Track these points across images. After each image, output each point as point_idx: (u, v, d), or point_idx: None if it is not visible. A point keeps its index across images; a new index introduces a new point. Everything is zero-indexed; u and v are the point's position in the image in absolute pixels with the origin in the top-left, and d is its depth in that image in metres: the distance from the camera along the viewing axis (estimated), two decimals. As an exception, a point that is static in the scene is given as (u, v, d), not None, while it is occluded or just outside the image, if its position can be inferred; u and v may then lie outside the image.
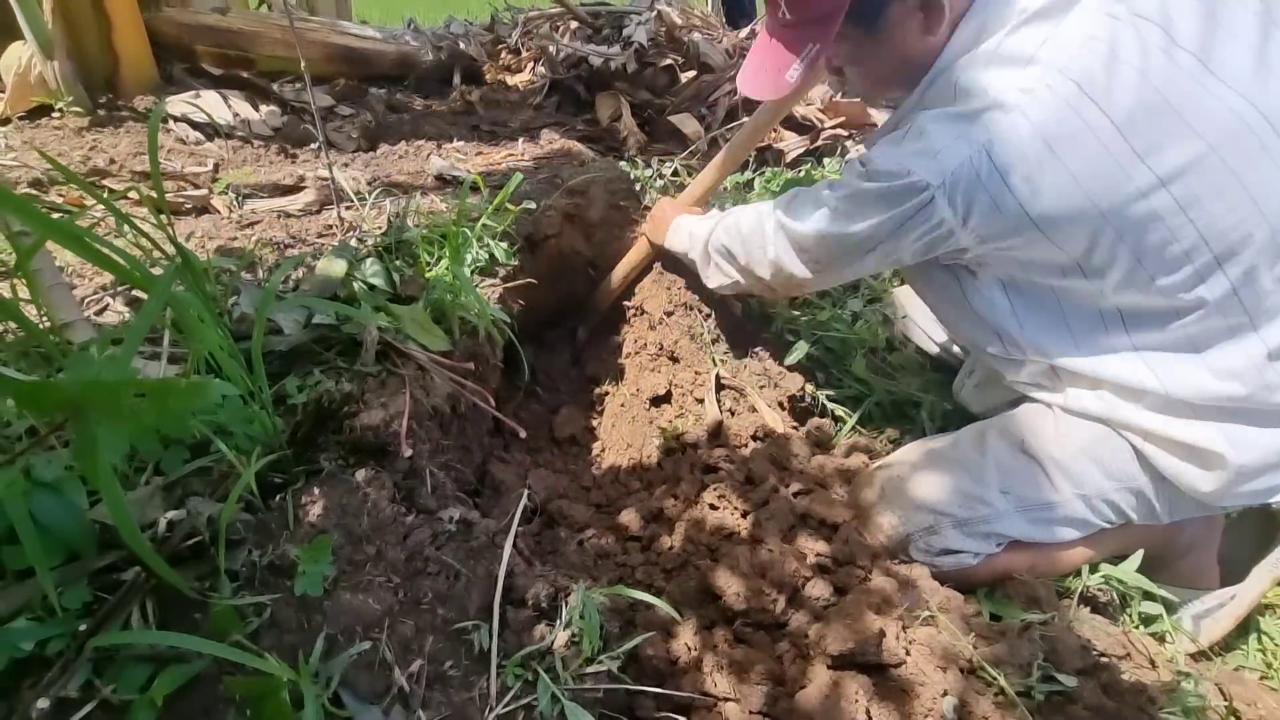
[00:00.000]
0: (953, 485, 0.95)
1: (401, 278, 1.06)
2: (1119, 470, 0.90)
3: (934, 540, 0.94)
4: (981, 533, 0.94)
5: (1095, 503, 0.91)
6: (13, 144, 1.55)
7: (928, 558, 0.94)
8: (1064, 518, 0.92)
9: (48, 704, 0.46)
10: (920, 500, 0.95)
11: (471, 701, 0.59)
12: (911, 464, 1.00)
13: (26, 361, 0.76)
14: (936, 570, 0.93)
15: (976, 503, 0.93)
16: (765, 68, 0.97)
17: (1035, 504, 0.93)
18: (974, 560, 0.94)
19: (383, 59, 2.24)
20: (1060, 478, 0.92)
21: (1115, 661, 0.81)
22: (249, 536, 0.62)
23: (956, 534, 0.94)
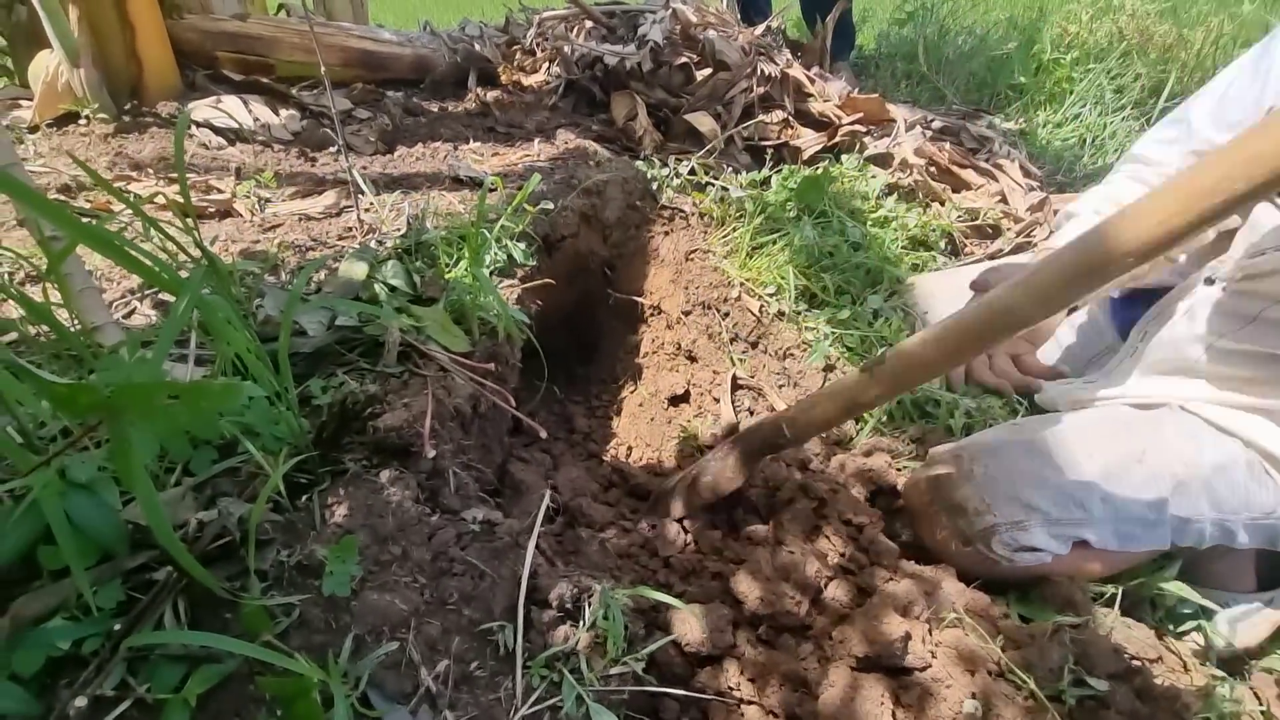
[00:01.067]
0: (1052, 482, 0.89)
1: (422, 279, 1.07)
2: (1247, 501, 0.85)
3: (1020, 536, 0.88)
4: (1066, 535, 0.89)
5: (1186, 528, 0.86)
6: (41, 150, 1.59)
7: (1007, 552, 0.88)
8: (1158, 536, 0.87)
9: (85, 702, 0.47)
10: (1015, 492, 0.89)
11: (497, 702, 0.59)
12: (1007, 450, 0.93)
13: (58, 364, 0.78)
14: (1010, 565, 0.88)
15: (1074, 506, 0.88)
16: None
17: (1132, 518, 0.88)
18: (1049, 559, 0.89)
19: (399, 62, 2.26)
20: (1178, 497, 0.86)
21: (1148, 666, 0.80)
22: (277, 537, 0.62)
23: (1043, 533, 0.88)
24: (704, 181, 1.72)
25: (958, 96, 2.80)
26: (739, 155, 1.96)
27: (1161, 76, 2.74)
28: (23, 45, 1.83)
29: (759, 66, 2.06)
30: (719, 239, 1.56)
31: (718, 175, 1.76)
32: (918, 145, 1.94)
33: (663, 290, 1.57)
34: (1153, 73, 2.77)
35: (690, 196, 1.65)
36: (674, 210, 1.61)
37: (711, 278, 1.48)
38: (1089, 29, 3.13)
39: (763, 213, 1.54)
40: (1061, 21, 3.22)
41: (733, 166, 1.88)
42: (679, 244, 1.57)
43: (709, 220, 1.60)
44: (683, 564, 0.96)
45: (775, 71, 2.08)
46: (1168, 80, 2.66)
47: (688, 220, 1.60)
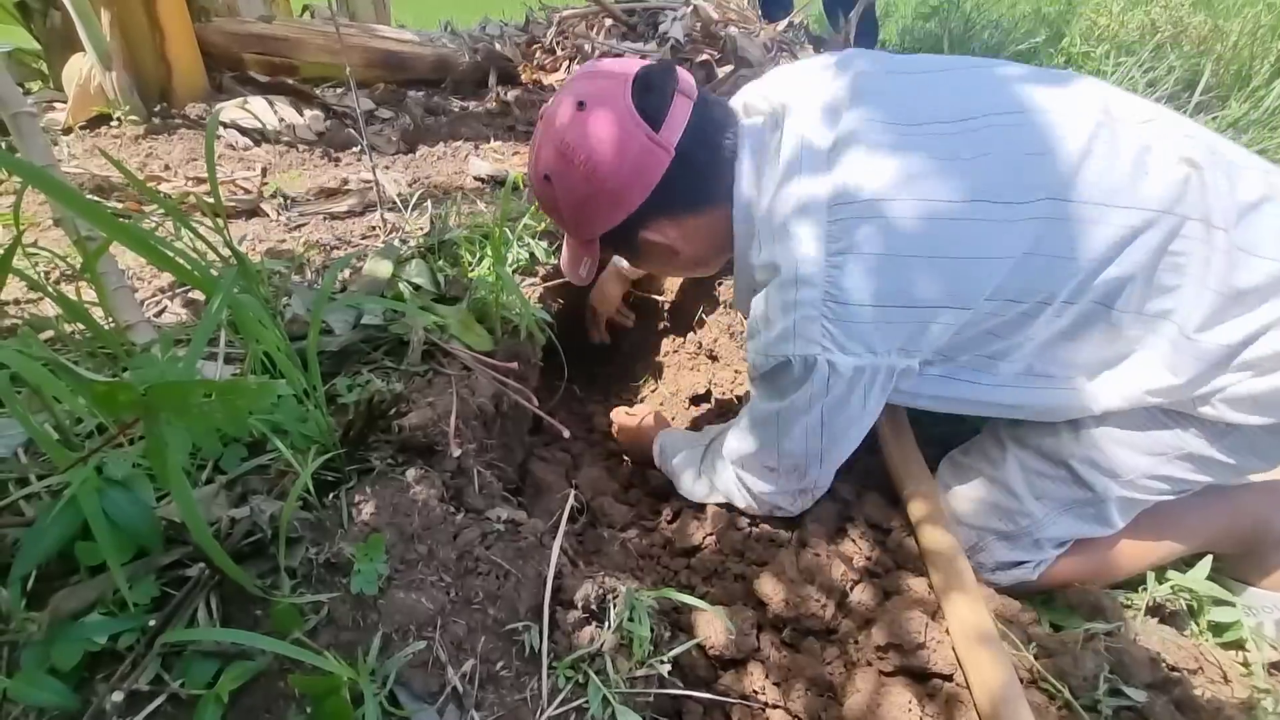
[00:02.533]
0: (986, 500, 0.91)
1: (445, 278, 1.07)
2: (1155, 442, 0.82)
3: (983, 557, 0.91)
4: (1030, 542, 0.89)
5: (1141, 482, 0.84)
6: (75, 152, 1.62)
7: (984, 574, 0.91)
8: (1113, 508, 0.86)
9: (121, 697, 0.47)
10: (960, 519, 0.92)
11: (523, 703, 0.59)
12: (944, 482, 0.96)
13: (93, 361, 0.79)
14: (995, 586, 0.89)
15: (1015, 515, 0.89)
16: (565, 252, 0.98)
17: (1075, 501, 0.87)
18: (1034, 571, 0.90)
19: (420, 62, 2.27)
20: (1091, 473, 0.85)
21: (1187, 676, 0.77)
22: (306, 534, 0.63)
23: (1004, 547, 0.90)
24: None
25: (983, 91, 2.75)
26: (760, 153, 1.94)
27: (1196, 69, 2.67)
28: (57, 50, 1.88)
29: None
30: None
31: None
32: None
33: (683, 288, 1.56)
34: (1187, 65, 2.70)
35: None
36: (695, 208, 1.59)
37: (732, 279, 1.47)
38: (1120, 21, 3.06)
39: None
40: (1091, 14, 3.15)
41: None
42: (700, 242, 1.56)
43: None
44: (705, 565, 0.95)
45: (797, 68, 2.06)
46: (1202, 73, 2.58)
47: (709, 218, 1.58)
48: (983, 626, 0.74)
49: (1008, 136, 0.74)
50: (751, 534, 0.97)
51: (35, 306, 1.02)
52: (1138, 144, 0.73)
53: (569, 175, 0.80)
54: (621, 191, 0.80)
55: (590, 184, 0.80)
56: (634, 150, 0.78)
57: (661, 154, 0.79)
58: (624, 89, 0.78)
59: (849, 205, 0.72)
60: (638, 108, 0.78)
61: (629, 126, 0.77)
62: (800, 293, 0.74)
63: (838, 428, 0.81)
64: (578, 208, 0.84)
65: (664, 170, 0.79)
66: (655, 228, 0.85)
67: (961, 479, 0.95)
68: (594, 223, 0.84)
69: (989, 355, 0.81)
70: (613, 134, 0.77)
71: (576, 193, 0.82)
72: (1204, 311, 0.72)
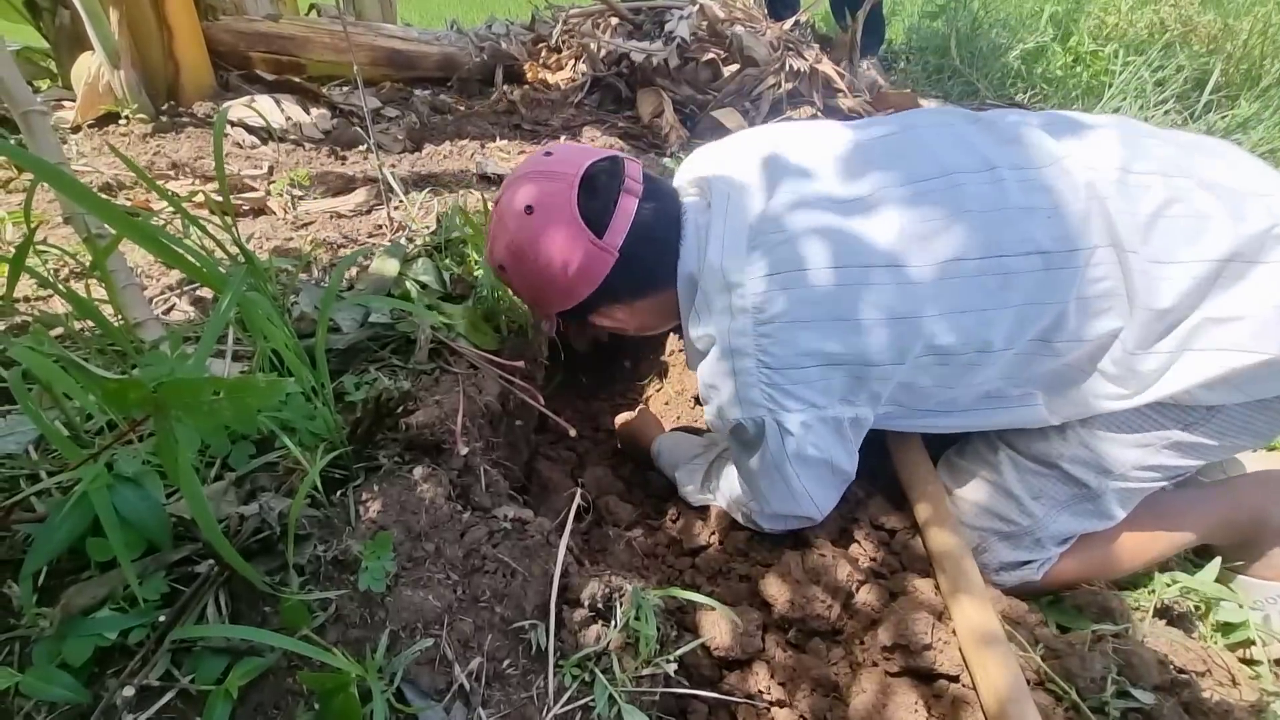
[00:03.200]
0: (986, 501, 0.92)
1: (451, 276, 1.08)
2: (1139, 436, 0.83)
3: (986, 558, 0.91)
4: (1031, 541, 0.90)
5: (1134, 474, 0.84)
6: (83, 150, 1.63)
7: (988, 574, 0.90)
8: (1110, 501, 0.86)
9: (131, 692, 0.48)
10: (960, 519, 0.92)
11: (530, 701, 0.59)
12: (944, 485, 0.97)
13: (102, 358, 0.80)
14: (1001, 586, 0.89)
15: (1014, 515, 0.90)
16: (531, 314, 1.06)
17: (1072, 498, 0.88)
18: (1038, 571, 0.90)
19: (426, 61, 2.28)
20: (1082, 470, 0.86)
21: (1195, 678, 0.77)
22: (314, 532, 0.63)
23: (1006, 547, 0.91)
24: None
25: (991, 91, 2.74)
26: (766, 152, 1.94)
27: (1206, 68, 2.65)
28: (66, 48, 1.89)
29: (787, 61, 2.04)
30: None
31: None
32: (950, 141, 1.90)
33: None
34: (1196, 64, 2.68)
35: (717, 193, 1.64)
36: (701, 207, 1.59)
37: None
38: (1128, 20, 3.04)
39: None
40: (1099, 12, 3.13)
41: (760, 163, 1.86)
42: (706, 241, 1.56)
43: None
44: (710, 564, 0.95)
45: (804, 66, 2.05)
46: (1212, 72, 2.57)
47: (715, 217, 1.58)
48: (989, 627, 0.74)
49: (917, 202, 0.78)
50: (755, 535, 0.97)
51: (45, 304, 1.03)
52: (1040, 189, 0.77)
53: (521, 271, 0.86)
54: (570, 289, 0.86)
55: (541, 280, 0.85)
56: (579, 256, 0.82)
57: (606, 256, 0.83)
58: (570, 194, 0.82)
59: (774, 276, 0.77)
60: (583, 214, 0.82)
61: (574, 234, 0.82)
62: (735, 361, 0.78)
63: (812, 474, 0.84)
64: (531, 295, 0.91)
65: (609, 270, 0.84)
66: (604, 312, 0.91)
67: (959, 481, 0.95)
68: (547, 307, 0.91)
69: (944, 399, 0.85)
70: (559, 241, 0.82)
71: (529, 285, 0.88)
72: (1139, 330, 0.76)
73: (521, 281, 0.88)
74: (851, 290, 0.76)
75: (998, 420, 0.87)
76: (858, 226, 0.78)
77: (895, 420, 0.89)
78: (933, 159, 0.81)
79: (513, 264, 0.86)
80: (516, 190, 0.84)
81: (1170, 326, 0.75)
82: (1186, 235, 0.73)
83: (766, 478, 0.84)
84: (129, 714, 0.49)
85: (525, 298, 0.95)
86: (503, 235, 0.85)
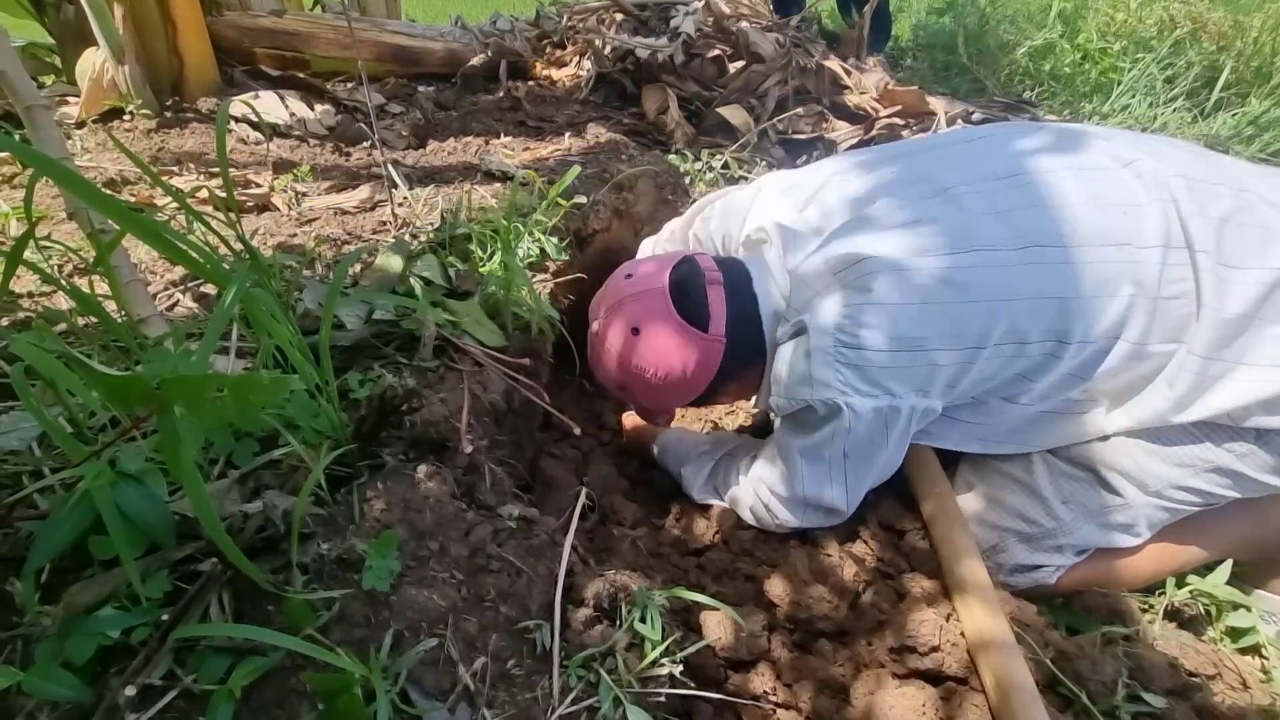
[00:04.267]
0: (1010, 502, 0.91)
1: (456, 273, 1.07)
2: (1183, 454, 0.82)
3: (1003, 558, 0.90)
4: (1051, 546, 0.89)
5: (1168, 493, 0.84)
6: (87, 146, 1.63)
7: (1001, 575, 0.90)
8: (1139, 517, 0.86)
9: (134, 691, 0.47)
10: (981, 519, 0.92)
11: (535, 701, 0.58)
12: (966, 481, 0.96)
13: (105, 354, 0.79)
14: (1012, 588, 0.88)
15: (1040, 517, 0.89)
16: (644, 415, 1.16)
17: (1103, 509, 0.87)
18: (1053, 575, 0.89)
19: (431, 57, 2.27)
20: (1118, 479, 0.85)
21: (1207, 682, 0.76)
22: (318, 530, 0.62)
23: (1025, 549, 0.90)
24: (737, 175, 1.69)
25: (999, 88, 2.72)
26: (772, 149, 1.93)
27: (1216, 65, 2.63)
28: (70, 44, 1.89)
29: (794, 58, 2.02)
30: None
31: (751, 169, 1.73)
32: (957, 138, 1.89)
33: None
34: (1206, 61, 2.65)
35: (723, 191, 1.63)
36: (706, 205, 1.58)
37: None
38: (1138, 16, 3.01)
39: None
40: (1107, 9, 3.10)
41: (766, 160, 1.85)
42: (711, 239, 1.55)
43: (742, 215, 1.58)
44: (715, 564, 0.95)
45: (810, 63, 2.04)
46: (1222, 69, 2.54)
47: (720, 215, 1.57)
48: (998, 629, 0.74)
49: (998, 192, 0.81)
50: (761, 534, 0.96)
51: (49, 300, 1.02)
52: (1118, 185, 0.78)
53: (645, 385, 0.94)
54: (692, 386, 0.93)
55: (665, 387, 0.93)
56: (695, 354, 0.90)
57: (716, 346, 0.90)
58: (666, 304, 0.89)
59: (857, 264, 0.80)
60: (684, 317, 0.89)
61: (684, 338, 0.89)
62: (815, 340, 0.80)
63: (861, 464, 0.84)
64: (657, 401, 1.00)
65: (721, 356, 0.90)
66: (723, 393, 0.99)
67: (985, 479, 0.94)
68: (670, 405, 1.02)
69: (1009, 395, 0.85)
70: (671, 348, 0.90)
71: (653, 394, 0.96)
72: (1204, 337, 0.75)
73: (646, 393, 0.96)
74: (936, 274, 0.77)
75: (1059, 432, 0.87)
76: (942, 213, 0.80)
77: (953, 428, 0.88)
78: (1007, 158, 0.83)
79: (635, 382, 0.94)
80: (613, 318, 0.93)
81: (1233, 336, 0.74)
82: (1256, 244, 0.73)
83: (814, 462, 0.84)
84: (131, 713, 0.48)
85: (649, 404, 1.03)
86: (615, 363, 0.94)
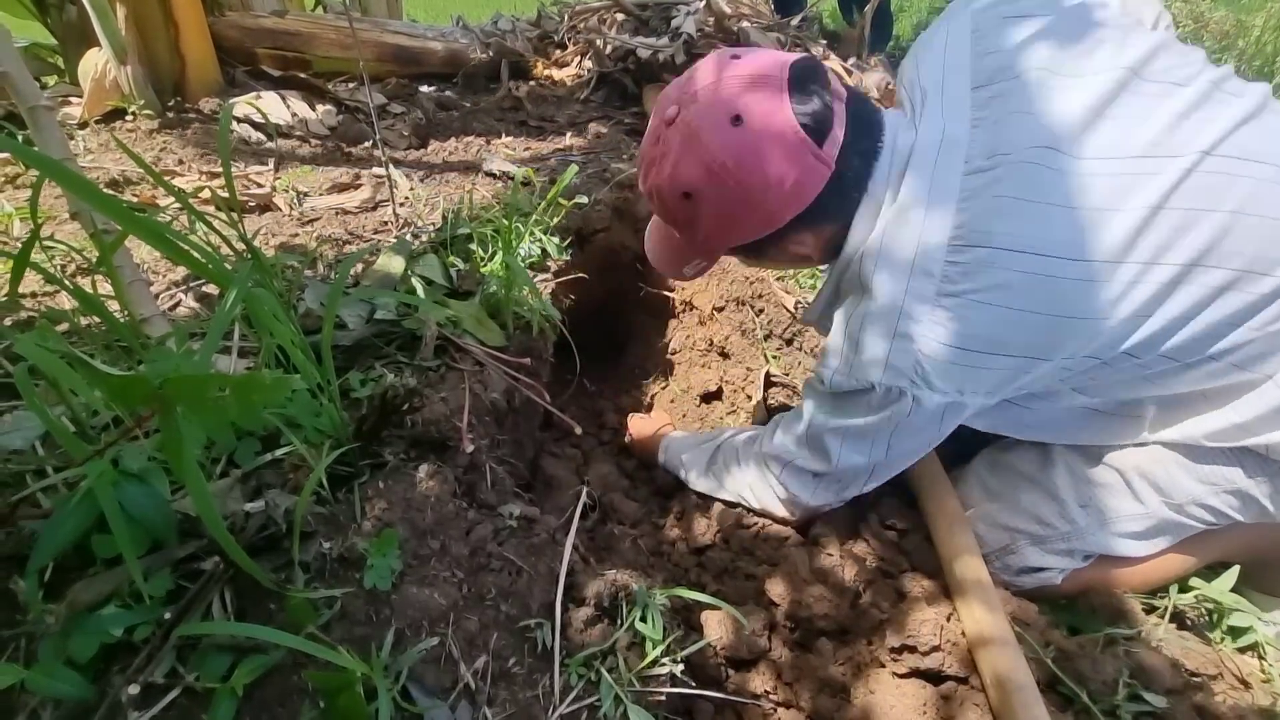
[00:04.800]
0: (1025, 501, 0.89)
1: (457, 273, 1.07)
2: (1212, 473, 0.81)
3: (1011, 560, 0.89)
4: (1062, 549, 0.87)
5: (1188, 508, 0.83)
6: (90, 146, 1.63)
7: (1007, 576, 0.89)
8: (1153, 528, 0.85)
9: (137, 690, 0.47)
10: (993, 519, 0.90)
11: (536, 700, 0.58)
12: (978, 479, 0.95)
13: (108, 354, 0.80)
14: (1017, 589, 0.87)
15: (1054, 519, 0.87)
16: (666, 249, 0.91)
17: (1121, 516, 0.85)
18: (1058, 577, 0.88)
19: (432, 57, 2.27)
20: (1145, 487, 0.84)
21: (1208, 682, 0.76)
22: (319, 529, 0.63)
23: (1035, 551, 0.88)
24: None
25: (999, 87, 2.71)
26: (773, 148, 1.92)
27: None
28: (73, 44, 1.89)
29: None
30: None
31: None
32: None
33: (694, 285, 1.55)
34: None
35: (724, 190, 1.63)
36: (707, 204, 1.59)
37: (745, 273, 1.46)
38: (1139, 15, 3.00)
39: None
40: (1110, 8, 3.09)
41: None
42: (712, 239, 1.55)
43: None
44: (715, 563, 0.95)
45: (811, 63, 2.04)
46: (1225, 68, 2.53)
47: (721, 214, 1.57)
48: (999, 627, 0.74)
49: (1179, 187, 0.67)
50: (761, 533, 0.96)
51: (52, 299, 1.03)
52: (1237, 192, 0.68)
53: (718, 196, 0.74)
54: (776, 212, 0.75)
55: (745, 202, 0.74)
56: (797, 170, 0.71)
57: (823, 170, 0.72)
58: (782, 100, 0.70)
59: (971, 250, 0.68)
60: (801, 121, 0.70)
61: (795, 145, 0.70)
62: (900, 324, 0.70)
63: (899, 452, 0.81)
64: (720, 225, 0.78)
65: (822, 186, 0.73)
66: (796, 240, 0.80)
67: (1000, 478, 0.92)
68: (732, 238, 0.79)
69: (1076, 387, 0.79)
70: (776, 154, 0.71)
71: (723, 213, 0.76)
72: None
73: (717, 207, 0.75)
74: (1049, 283, 0.67)
75: (1100, 432, 0.84)
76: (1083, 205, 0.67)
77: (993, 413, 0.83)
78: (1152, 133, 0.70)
79: (711, 187, 0.73)
80: (709, 103, 0.71)
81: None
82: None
83: (856, 444, 0.79)
84: (134, 711, 0.49)
85: (704, 233, 0.80)
86: (695, 155, 0.72)
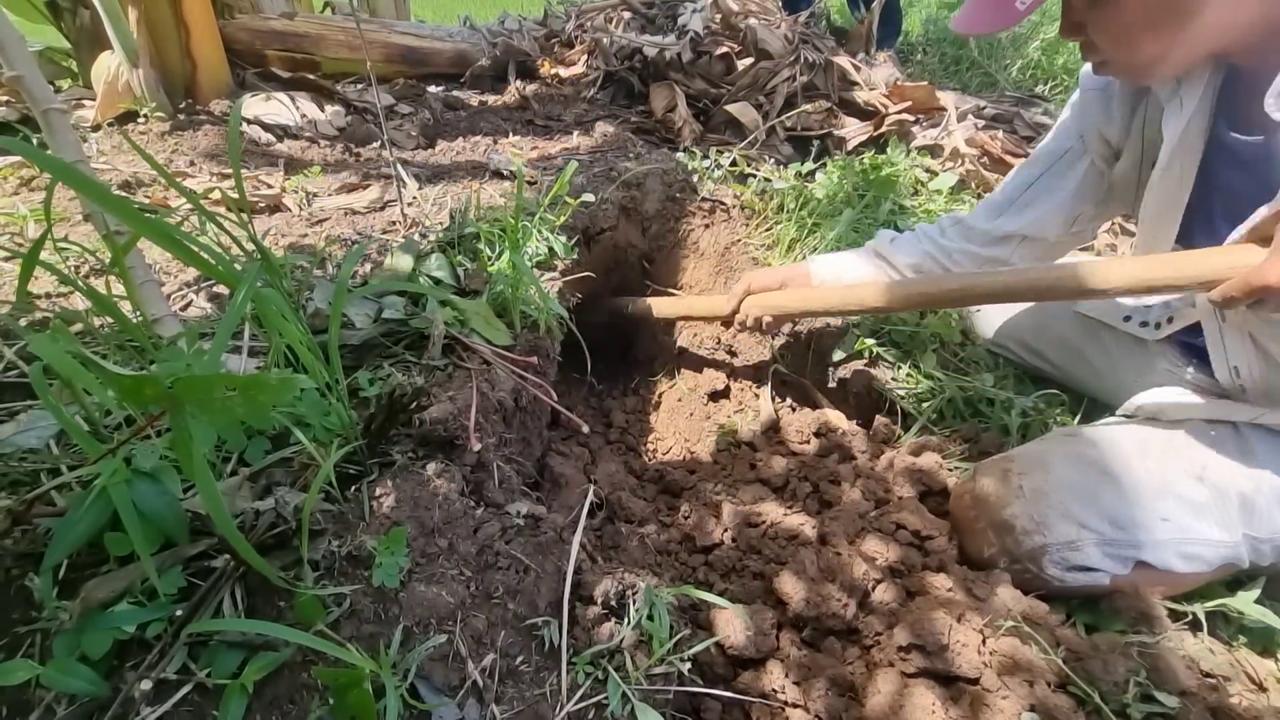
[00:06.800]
0: (1107, 500, 0.83)
1: (465, 272, 1.07)
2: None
3: (1073, 556, 0.83)
4: (1124, 555, 0.83)
5: (1262, 547, 0.81)
6: (103, 149, 1.65)
7: (1059, 572, 0.84)
8: (1223, 556, 0.82)
9: (149, 685, 0.48)
10: (1067, 510, 0.84)
11: (543, 698, 0.59)
12: (1059, 464, 0.88)
13: (121, 354, 0.80)
14: (1062, 585, 0.84)
15: (1131, 526, 0.82)
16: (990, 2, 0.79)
17: (1198, 539, 0.81)
18: (1106, 579, 0.84)
19: (439, 57, 2.28)
20: (1239, 514, 0.80)
21: (1223, 684, 0.75)
22: (328, 527, 0.63)
23: (1098, 553, 0.83)
24: (745, 173, 1.69)
25: (1010, 83, 2.69)
26: (781, 146, 1.92)
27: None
28: (86, 48, 1.91)
29: (802, 55, 2.01)
30: (760, 232, 1.53)
31: (759, 167, 1.72)
32: (969, 135, 1.87)
33: (702, 283, 1.55)
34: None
35: (731, 188, 1.63)
36: (714, 203, 1.58)
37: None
38: (1153, 8, 2.96)
39: (804, 207, 1.50)
40: (1122, 1, 3.06)
41: (775, 158, 1.84)
42: (719, 237, 1.55)
43: (750, 213, 1.58)
44: (723, 562, 0.94)
45: (819, 59, 2.03)
46: (1240, 61, 2.49)
47: (728, 213, 1.57)
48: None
49: None
50: (769, 531, 0.96)
51: (66, 300, 1.04)
52: None
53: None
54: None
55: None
56: None
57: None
58: None
59: None
60: None
61: None
62: None
63: None
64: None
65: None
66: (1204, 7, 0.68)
67: (1079, 470, 0.87)
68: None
69: None
70: None
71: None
72: None
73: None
74: None
75: None
76: None
77: None
78: None
79: None
80: None
81: None
82: None
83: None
84: (147, 707, 0.49)
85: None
86: None
